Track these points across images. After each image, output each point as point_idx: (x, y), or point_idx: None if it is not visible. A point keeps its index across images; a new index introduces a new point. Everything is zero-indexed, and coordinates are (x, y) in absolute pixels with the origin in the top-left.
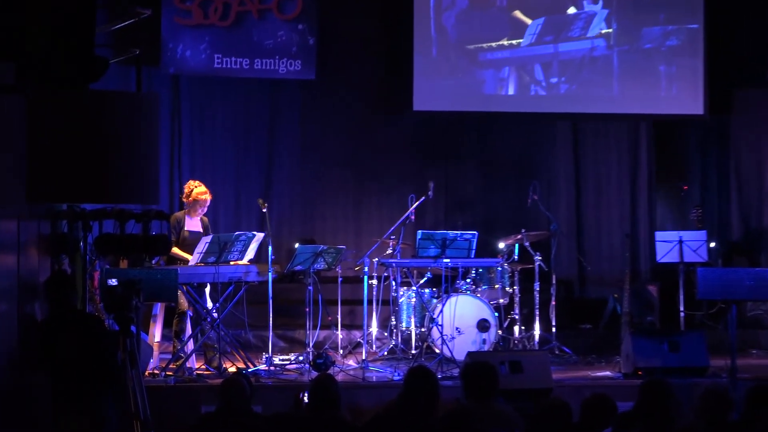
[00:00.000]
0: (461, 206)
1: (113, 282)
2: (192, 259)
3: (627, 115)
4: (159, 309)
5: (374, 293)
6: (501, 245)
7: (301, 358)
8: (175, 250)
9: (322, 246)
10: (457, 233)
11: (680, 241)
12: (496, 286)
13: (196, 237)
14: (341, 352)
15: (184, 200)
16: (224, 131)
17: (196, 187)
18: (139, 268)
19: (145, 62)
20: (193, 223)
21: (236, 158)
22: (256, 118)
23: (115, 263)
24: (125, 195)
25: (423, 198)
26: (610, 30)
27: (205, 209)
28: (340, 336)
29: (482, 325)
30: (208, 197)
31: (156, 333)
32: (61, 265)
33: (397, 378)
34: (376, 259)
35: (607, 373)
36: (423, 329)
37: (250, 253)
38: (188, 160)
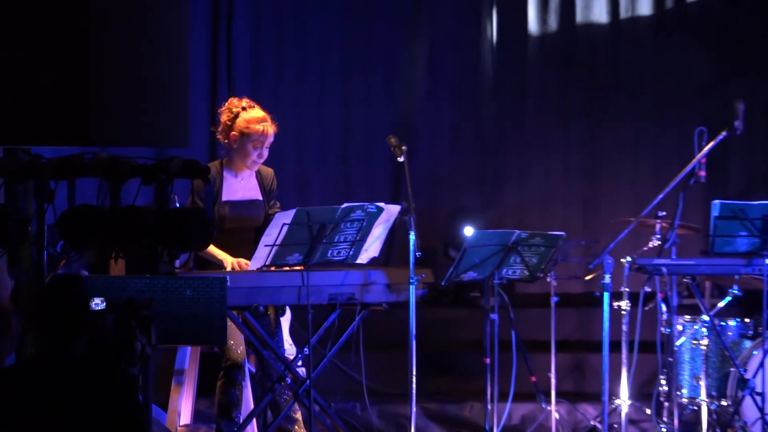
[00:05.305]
0: None
1: (98, 304)
2: (255, 258)
3: None
4: (189, 359)
5: (624, 327)
6: None
7: None
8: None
9: (517, 232)
10: None
11: None
12: None
13: (244, 215)
14: None
15: (222, 139)
16: (318, 14)
17: (244, 109)
18: (149, 276)
19: None
20: (241, 186)
21: (343, 63)
22: None
23: (100, 266)
24: (122, 131)
25: (724, 134)
26: None
27: (265, 153)
28: (556, 415)
29: None
30: (270, 128)
31: (183, 406)
32: None
33: None
34: (628, 258)
35: None
36: (724, 401)
37: (373, 247)
38: (245, 69)
